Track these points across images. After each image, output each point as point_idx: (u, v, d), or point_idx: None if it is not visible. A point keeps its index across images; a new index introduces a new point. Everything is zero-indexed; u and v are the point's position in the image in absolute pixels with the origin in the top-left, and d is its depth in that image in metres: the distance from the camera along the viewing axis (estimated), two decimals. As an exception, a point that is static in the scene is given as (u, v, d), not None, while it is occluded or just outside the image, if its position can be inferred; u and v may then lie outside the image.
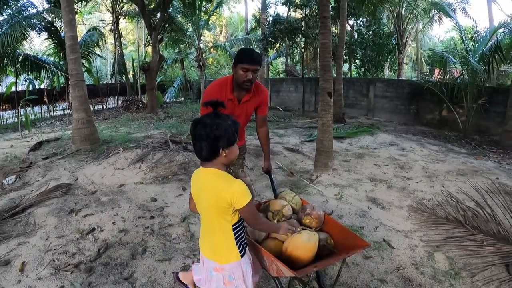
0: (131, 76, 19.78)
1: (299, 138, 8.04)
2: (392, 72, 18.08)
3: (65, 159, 6.03)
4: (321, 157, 5.29)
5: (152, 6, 14.07)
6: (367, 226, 3.52)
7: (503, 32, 8.18)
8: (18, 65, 12.25)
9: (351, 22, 14.78)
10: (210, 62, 23.78)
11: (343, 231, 2.15)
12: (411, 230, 3.45)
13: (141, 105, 14.81)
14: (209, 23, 19.80)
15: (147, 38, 16.26)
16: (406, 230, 3.44)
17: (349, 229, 2.18)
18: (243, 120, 2.78)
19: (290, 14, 14.25)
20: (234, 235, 1.71)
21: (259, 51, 14.33)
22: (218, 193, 1.63)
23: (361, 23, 14.88)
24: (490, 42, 8.21)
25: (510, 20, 8.24)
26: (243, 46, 20.41)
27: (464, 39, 9.42)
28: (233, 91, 2.58)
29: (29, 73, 13.14)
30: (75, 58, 6.77)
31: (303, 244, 1.89)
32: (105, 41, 16.66)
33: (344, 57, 13.65)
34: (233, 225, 1.70)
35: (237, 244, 1.72)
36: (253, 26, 19.86)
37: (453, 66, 9.46)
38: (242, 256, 1.74)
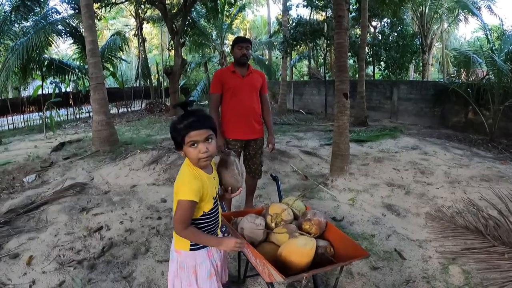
0: (155, 79, 20.11)
1: (319, 142, 7.83)
2: (418, 73, 17.60)
3: (84, 160, 6.17)
4: (337, 160, 5.11)
5: (174, 11, 14.21)
6: (379, 234, 3.34)
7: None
8: (44, 69, 12.59)
9: (374, 23, 14.45)
10: (233, 65, 23.84)
11: (344, 239, 2.00)
12: (427, 239, 3.25)
13: (164, 108, 15.04)
14: (233, 26, 19.87)
15: (170, 42, 16.52)
16: (421, 240, 3.24)
17: (350, 238, 2.04)
18: (250, 94, 3.27)
19: (312, 17, 14.10)
20: None
21: (280, 54, 14.33)
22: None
23: (385, 24, 14.54)
24: (517, 40, 7.61)
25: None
26: (266, 50, 20.36)
27: (489, 37, 8.95)
28: (234, 68, 3.28)
29: (55, 76, 13.51)
30: (95, 62, 6.93)
31: (298, 248, 1.77)
32: (128, 45, 16.99)
33: (368, 59, 13.36)
34: (193, 219, 1.66)
35: None
36: (276, 29, 19.83)
37: (479, 66, 9.03)
38: (191, 250, 1.70)
